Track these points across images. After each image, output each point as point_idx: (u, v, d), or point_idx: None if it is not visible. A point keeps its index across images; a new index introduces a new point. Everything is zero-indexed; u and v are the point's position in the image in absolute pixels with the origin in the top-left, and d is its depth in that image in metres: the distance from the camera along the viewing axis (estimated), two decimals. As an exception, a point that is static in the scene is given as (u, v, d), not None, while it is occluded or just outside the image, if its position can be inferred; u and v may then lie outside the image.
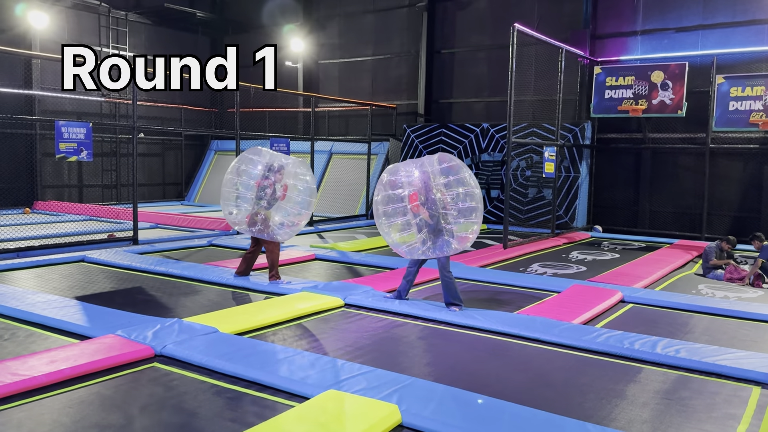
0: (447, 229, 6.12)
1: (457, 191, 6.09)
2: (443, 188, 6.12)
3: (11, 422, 3.68)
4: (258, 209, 7.37)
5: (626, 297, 7.11)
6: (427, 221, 6.12)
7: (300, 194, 7.43)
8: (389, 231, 6.39)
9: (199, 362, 4.66)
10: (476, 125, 15.34)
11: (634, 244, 11.92)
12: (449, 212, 6.09)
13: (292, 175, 7.44)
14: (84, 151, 9.54)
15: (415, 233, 6.22)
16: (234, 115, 12.52)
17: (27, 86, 15.55)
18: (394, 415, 3.67)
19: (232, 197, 7.47)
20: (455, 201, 6.08)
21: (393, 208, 6.26)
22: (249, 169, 7.46)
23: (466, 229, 6.12)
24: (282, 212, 7.44)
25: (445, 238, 6.14)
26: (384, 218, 6.34)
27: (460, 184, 6.11)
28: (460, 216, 6.09)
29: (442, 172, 6.15)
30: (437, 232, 6.16)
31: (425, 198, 6.13)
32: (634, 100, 12.95)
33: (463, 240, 6.18)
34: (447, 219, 6.11)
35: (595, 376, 4.67)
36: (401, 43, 17.18)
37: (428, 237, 6.17)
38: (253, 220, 7.41)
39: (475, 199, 6.09)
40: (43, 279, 7.79)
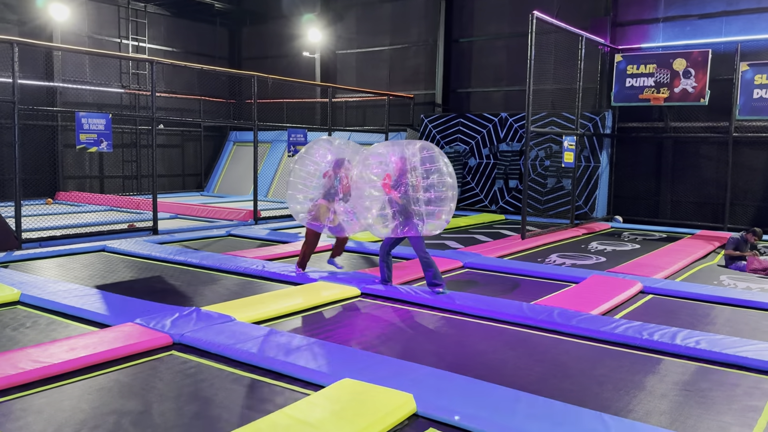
0: (417, 212, 6.38)
1: (432, 178, 6.36)
2: (418, 174, 6.36)
3: (32, 408, 3.74)
4: (330, 202, 7.05)
5: (646, 288, 7.03)
6: (396, 202, 6.39)
7: (368, 187, 6.97)
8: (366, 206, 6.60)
9: (216, 350, 4.70)
10: (494, 115, 15.22)
11: (655, 235, 11.77)
12: (420, 197, 6.35)
13: (360, 168, 6.98)
14: (104, 142, 9.64)
15: (387, 211, 6.47)
16: (252, 106, 12.55)
17: (48, 78, 15.73)
18: (409, 404, 3.67)
19: (299, 188, 7.17)
20: (428, 188, 6.35)
21: (367, 186, 6.51)
22: (317, 160, 7.16)
23: (436, 215, 6.41)
24: (348, 206, 7.04)
25: (414, 221, 6.40)
26: (356, 194, 6.59)
27: (435, 172, 6.37)
28: (432, 203, 6.36)
29: (421, 159, 6.41)
30: (407, 214, 6.40)
31: (397, 181, 6.39)
32: (655, 89, 12.74)
33: (433, 225, 6.46)
34: (418, 203, 6.37)
35: (613, 366, 4.62)
36: (419, 33, 17.08)
37: (397, 217, 6.43)
38: (322, 213, 7.09)
39: (446, 186, 6.36)
40: (65, 268, 7.90)
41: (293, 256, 8.89)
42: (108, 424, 3.56)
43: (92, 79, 16.83)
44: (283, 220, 12.87)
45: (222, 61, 20.46)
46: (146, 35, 18.35)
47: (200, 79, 19.05)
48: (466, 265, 8.26)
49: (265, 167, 18.07)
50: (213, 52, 20.34)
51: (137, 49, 18.22)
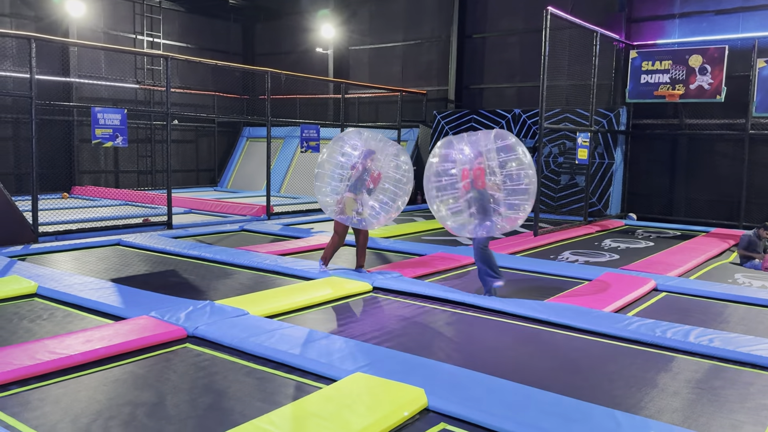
0: (495, 209, 6.02)
1: (511, 171, 5.96)
2: (496, 167, 5.96)
3: (49, 398, 3.80)
4: (357, 194, 6.94)
5: (659, 285, 6.99)
6: (476, 199, 6.01)
7: (394, 182, 6.99)
8: (439, 205, 6.26)
9: (229, 344, 4.74)
10: (508, 111, 15.17)
11: (669, 233, 11.70)
12: (499, 192, 5.98)
13: (386, 162, 6.97)
14: (119, 137, 9.73)
15: (464, 210, 6.11)
16: (265, 102, 12.60)
17: (64, 74, 15.88)
18: (420, 398, 3.68)
19: (327, 179, 7.08)
20: (508, 181, 5.96)
21: (443, 182, 6.15)
22: (345, 152, 7.06)
23: (516, 210, 6.02)
24: (375, 200, 7.04)
25: (493, 218, 6.04)
26: (434, 192, 6.22)
27: (514, 163, 5.98)
28: (511, 196, 5.97)
29: (497, 151, 6.01)
30: (485, 211, 6.04)
31: (473, 176, 6.00)
32: (670, 85, 12.64)
33: (512, 221, 6.10)
34: (497, 199, 6.00)
35: (625, 364, 4.61)
36: (432, 29, 17.04)
37: (476, 215, 6.08)
38: (348, 205, 6.96)
39: (528, 178, 5.94)
40: (80, 261, 7.99)
41: (306, 251, 8.94)
42: (123, 414, 3.61)
43: (108, 75, 16.97)
44: (296, 216, 12.93)
45: (236, 56, 20.55)
46: (161, 31, 18.46)
47: (214, 74, 19.14)
48: (479, 261, 8.25)
49: (277, 163, 18.14)
50: (227, 48, 20.43)
51: (152, 45, 18.34)
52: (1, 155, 15.09)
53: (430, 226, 11.56)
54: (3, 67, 14.38)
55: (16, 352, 4.28)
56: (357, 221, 7.07)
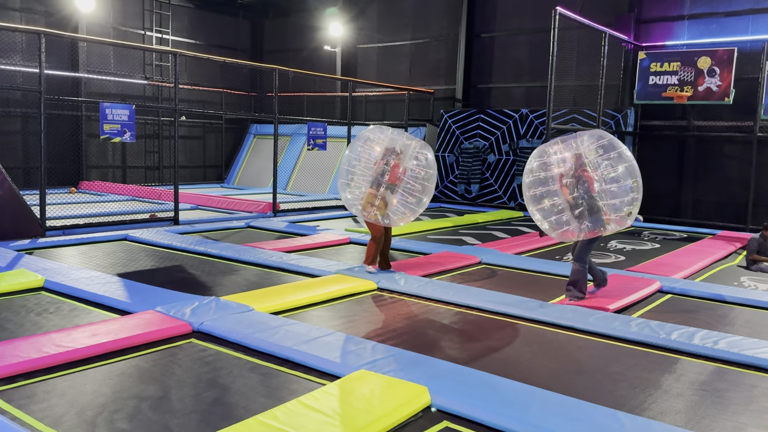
0: (600, 209, 5.82)
1: (617, 169, 5.77)
2: (597, 167, 5.80)
3: (55, 391, 3.84)
4: (382, 192, 6.89)
5: (665, 287, 6.98)
6: (579, 201, 5.82)
7: (417, 180, 6.96)
8: (538, 215, 6.08)
9: (234, 339, 4.77)
10: (515, 111, 15.15)
11: (675, 235, 11.66)
12: (604, 190, 5.80)
13: (411, 158, 6.95)
14: (127, 133, 9.77)
15: (567, 215, 5.92)
16: (273, 99, 12.63)
17: (73, 69, 15.96)
18: (423, 396, 3.70)
19: (348, 177, 7.02)
20: (611, 180, 5.77)
21: (541, 191, 5.98)
22: (368, 149, 7.02)
23: (624, 210, 5.79)
24: (399, 196, 6.97)
25: (599, 218, 5.84)
26: (532, 202, 6.07)
27: (618, 160, 5.79)
28: (615, 195, 5.77)
29: (596, 149, 5.84)
30: (593, 211, 5.84)
31: (575, 179, 5.83)
32: (679, 87, 12.59)
33: (620, 221, 5.90)
34: (602, 198, 5.80)
35: (629, 365, 4.61)
36: (440, 27, 17.03)
37: (581, 217, 5.85)
38: (370, 201, 6.93)
39: (633, 175, 5.75)
40: (87, 256, 8.04)
41: (312, 248, 8.96)
42: (128, 407, 3.64)
43: (116, 70, 17.04)
44: (302, 213, 12.95)
45: (244, 53, 20.59)
46: (170, 27, 18.52)
47: (222, 71, 19.19)
48: (484, 261, 8.25)
49: (284, 160, 18.18)
50: (235, 44, 20.48)
51: (161, 41, 18.40)
52: (10, 149, 15.17)
53: (436, 225, 11.57)
54: (13, 61, 14.46)
55: (23, 344, 4.32)
56: (378, 218, 6.98)
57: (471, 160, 15.60)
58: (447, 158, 16.15)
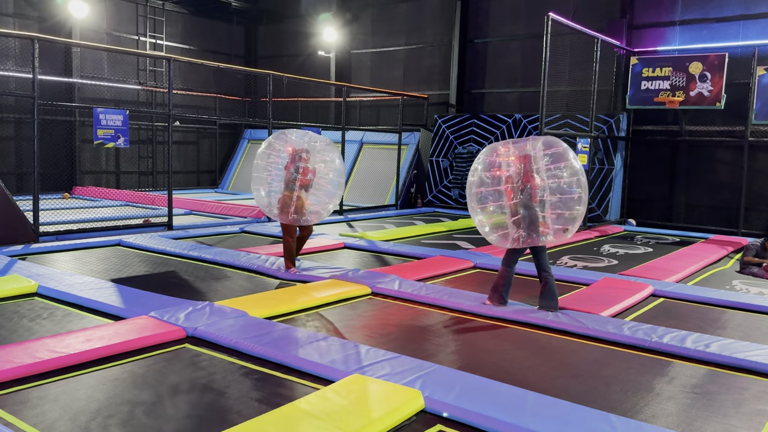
0: (542, 219, 5.65)
1: (561, 178, 5.63)
2: (544, 175, 5.66)
3: (48, 396, 3.83)
4: (296, 192, 7.26)
5: (657, 291, 7.02)
6: (519, 208, 5.66)
7: (329, 177, 7.42)
8: (481, 215, 5.88)
9: (228, 344, 4.77)
10: (508, 116, 15.22)
11: (668, 239, 11.72)
12: (547, 200, 5.64)
13: (319, 158, 7.39)
14: (121, 138, 9.77)
15: (507, 219, 5.73)
16: (267, 104, 12.65)
17: (67, 74, 15.94)
18: (417, 400, 3.71)
19: (264, 182, 7.39)
20: (557, 189, 5.63)
21: (486, 191, 5.80)
22: (278, 153, 7.41)
23: (565, 221, 5.67)
24: (312, 196, 7.41)
25: (540, 229, 5.66)
26: (476, 201, 5.85)
27: (565, 170, 5.62)
28: (559, 206, 5.65)
29: (544, 157, 5.68)
30: (532, 221, 5.66)
31: (520, 184, 5.67)
32: (671, 92, 12.69)
33: (557, 235, 5.72)
34: (544, 208, 5.65)
35: (621, 368, 4.64)
36: (434, 33, 17.10)
37: (521, 225, 5.66)
38: (286, 204, 7.28)
39: (580, 186, 5.60)
40: (81, 261, 8.02)
41: (306, 253, 8.97)
42: (122, 413, 3.64)
43: (110, 76, 17.02)
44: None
45: (238, 59, 20.61)
46: (164, 33, 18.53)
47: (216, 76, 19.20)
48: (477, 265, 8.28)
49: (278, 165, 18.14)
50: (229, 50, 20.49)
51: (155, 46, 18.40)
52: (3, 155, 15.13)
53: (430, 230, 11.60)
54: (6, 67, 14.44)
55: (16, 350, 4.31)
56: (295, 218, 7.35)
57: (465, 164, 15.65)
58: (441, 163, 16.20)
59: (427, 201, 16.35)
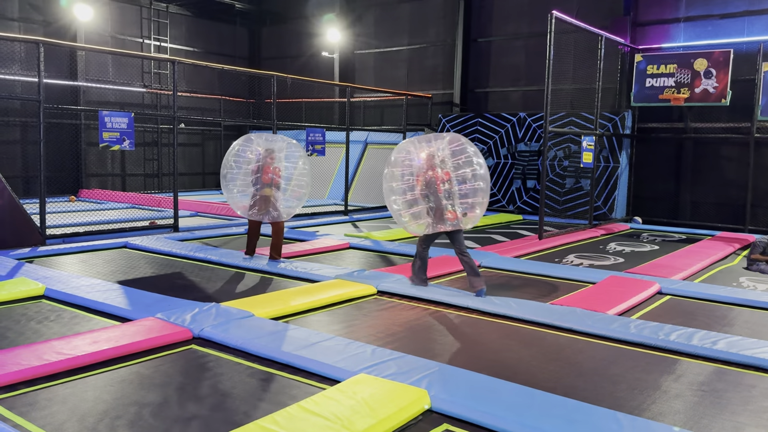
0: (450, 207, 6.39)
1: (464, 171, 6.42)
2: (448, 167, 6.42)
3: (56, 398, 3.85)
4: (268, 192, 7.91)
5: (664, 289, 7.00)
6: (430, 198, 6.39)
7: (295, 176, 8.05)
8: (396, 207, 6.58)
9: (234, 345, 4.78)
10: (513, 114, 15.20)
11: (674, 236, 11.68)
12: (454, 191, 6.40)
13: (283, 158, 7.99)
14: (126, 140, 9.80)
15: (419, 208, 6.48)
16: (271, 106, 12.67)
17: (72, 77, 16.00)
18: (424, 399, 3.71)
19: (235, 185, 8.03)
20: (460, 181, 6.42)
21: (398, 185, 6.51)
22: (244, 156, 8.03)
23: (470, 208, 6.47)
24: (283, 193, 8.12)
25: (446, 216, 6.39)
26: (390, 193, 6.56)
27: (466, 164, 6.43)
28: (466, 196, 6.44)
29: (450, 152, 6.46)
30: (439, 210, 6.39)
31: (426, 177, 6.39)
32: (676, 89, 12.64)
33: (467, 219, 6.52)
34: (450, 197, 6.39)
35: (628, 366, 4.63)
36: (437, 33, 17.09)
37: (430, 213, 6.45)
38: (257, 203, 7.95)
39: (478, 178, 6.40)
40: (88, 264, 8.05)
41: (311, 254, 8.99)
42: (129, 414, 3.65)
43: (115, 79, 17.09)
44: (301, 219, 12.97)
45: (242, 60, 20.65)
46: (168, 35, 18.58)
47: (220, 78, 19.24)
48: (483, 264, 8.27)
49: (283, 166, 18.17)
50: (233, 52, 20.53)
51: (159, 49, 18.46)
52: (10, 158, 15.20)
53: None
54: (12, 71, 14.51)
55: (24, 352, 4.33)
56: (263, 215, 7.99)
57: (469, 164, 15.62)
58: (445, 162, 16.16)
59: (432, 200, 16.31)
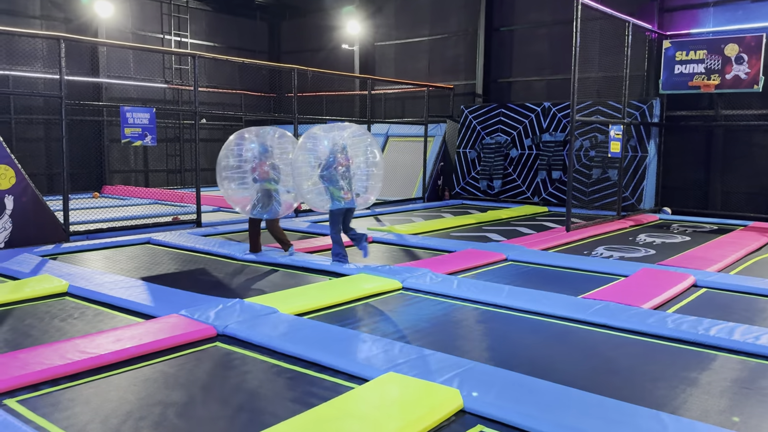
0: (345, 188, 7.29)
1: (359, 158, 7.45)
2: (347, 154, 7.31)
3: (80, 398, 3.78)
4: (270, 187, 7.82)
5: (699, 281, 6.76)
6: (327, 179, 7.22)
7: (288, 171, 7.85)
8: (305, 187, 7.41)
9: (259, 342, 4.68)
10: (537, 104, 14.93)
11: (705, 227, 11.37)
12: (349, 175, 7.33)
13: (278, 155, 7.89)
14: (148, 136, 9.76)
15: (320, 186, 7.35)
16: (292, 100, 12.58)
17: (94, 74, 16.07)
18: (456, 399, 3.57)
19: (235, 180, 7.86)
20: (356, 167, 7.43)
21: (306, 169, 7.32)
22: (243, 154, 7.87)
23: (368, 191, 7.59)
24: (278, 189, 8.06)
25: (342, 195, 7.29)
26: (299, 176, 7.35)
27: (362, 153, 7.49)
28: (362, 180, 7.49)
29: (351, 141, 7.38)
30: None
31: (327, 160, 7.22)
32: (705, 75, 12.28)
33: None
34: (349, 180, 7.35)
35: (666, 363, 4.44)
36: (458, 22, 16.85)
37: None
38: (257, 200, 7.88)
39: (373, 165, 7.49)
40: (111, 260, 8.03)
41: (334, 248, 8.86)
42: (153, 415, 3.57)
43: (136, 75, 17.13)
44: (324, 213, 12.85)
45: (262, 55, 20.59)
46: (188, 30, 18.58)
47: (241, 73, 19.21)
48: (510, 258, 8.09)
49: (304, 160, 18.08)
50: (253, 46, 20.48)
51: (179, 44, 18.47)
52: (33, 156, 15.31)
53: (459, 222, 11.42)
54: (34, 68, 14.60)
55: (47, 351, 4.28)
56: (268, 213, 7.95)
57: (493, 155, 15.41)
58: (468, 154, 15.97)
59: (455, 193, 16.14)
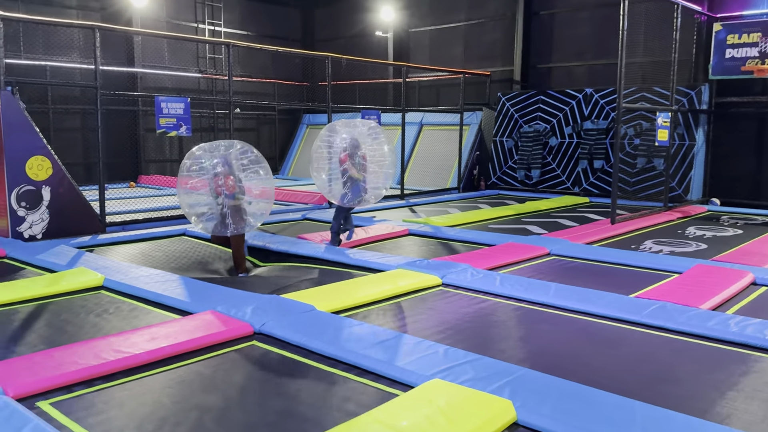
0: (362, 185, 7.59)
1: (374, 156, 7.72)
2: (365, 152, 7.64)
3: (114, 401, 3.64)
4: (238, 201, 6.89)
5: (758, 279, 6.36)
6: (349, 174, 7.57)
7: (257, 183, 7.04)
8: (324, 177, 7.68)
9: (297, 342, 4.50)
10: (578, 91, 14.44)
11: (757, 219, 10.84)
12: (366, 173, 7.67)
13: (238, 168, 7.00)
14: (183, 126, 9.66)
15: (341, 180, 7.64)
16: (325, 88, 12.36)
17: (129, 63, 16.08)
18: (509, 411, 3.32)
19: (200, 202, 7.13)
20: (371, 164, 7.72)
21: (325, 164, 7.63)
22: (203, 169, 7.21)
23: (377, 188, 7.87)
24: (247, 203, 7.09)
25: (359, 192, 7.64)
26: (319, 168, 7.64)
27: (378, 150, 7.76)
28: (375, 178, 7.80)
29: (370, 136, 7.69)
30: (354, 185, 7.65)
31: (350, 156, 7.57)
32: (759, 60, 11.67)
33: (372, 195, 7.90)
34: (365, 178, 7.72)
35: (734, 372, 4.11)
36: (496, 6, 16.38)
37: (347, 187, 7.64)
38: (225, 218, 6.87)
39: (387, 164, 7.83)
40: (146, 252, 7.96)
41: (370, 242, 8.67)
42: (190, 420, 3.41)
43: (171, 65, 17.11)
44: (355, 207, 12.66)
45: (295, 43, 20.40)
46: (222, 19, 18.48)
47: (274, 62, 19.05)
48: (553, 252, 7.77)
49: (338, 149, 17.91)
50: (286, 34, 20.30)
51: (213, 33, 18.39)
52: (70, 146, 15.41)
53: (496, 214, 11.10)
54: (71, 58, 14.65)
55: (81, 350, 4.16)
56: (238, 228, 6.88)
57: (531, 144, 14.98)
58: (505, 143, 15.58)
59: (491, 183, 15.78)
